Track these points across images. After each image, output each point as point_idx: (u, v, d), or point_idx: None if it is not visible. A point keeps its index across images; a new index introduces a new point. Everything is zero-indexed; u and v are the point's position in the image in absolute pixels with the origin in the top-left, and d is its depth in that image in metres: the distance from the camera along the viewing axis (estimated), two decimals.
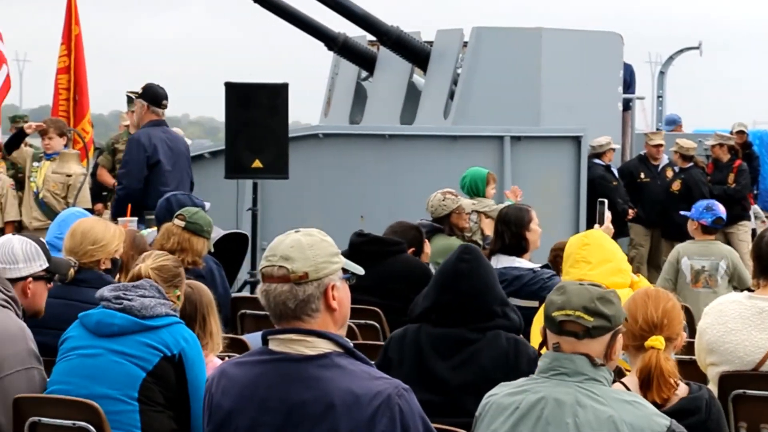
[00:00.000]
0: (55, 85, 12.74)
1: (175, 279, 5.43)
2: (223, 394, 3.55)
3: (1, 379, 4.88)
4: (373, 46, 14.62)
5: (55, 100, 12.72)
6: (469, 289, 4.99)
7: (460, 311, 4.98)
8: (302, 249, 3.50)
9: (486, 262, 5.18)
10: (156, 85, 10.32)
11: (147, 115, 10.02)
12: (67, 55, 12.64)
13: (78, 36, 12.63)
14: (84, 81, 12.66)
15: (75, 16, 12.65)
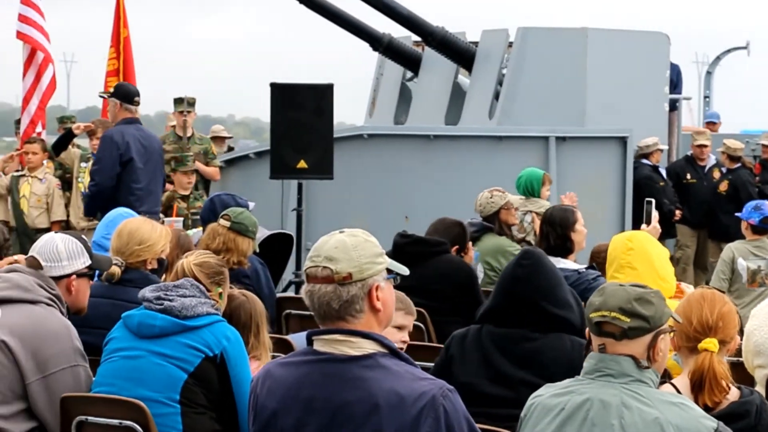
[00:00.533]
0: (105, 88, 12.81)
1: (218, 276, 5.44)
2: (268, 394, 3.56)
3: (47, 378, 4.92)
4: (418, 47, 14.61)
5: (105, 103, 12.79)
6: (526, 294, 5.01)
7: (518, 315, 5.00)
8: (346, 250, 3.50)
9: (548, 266, 5.15)
10: (128, 83, 10.69)
11: (120, 113, 10.15)
12: (116, 58, 12.71)
13: (126, 38, 12.71)
14: (133, 83, 12.73)
15: (123, 18, 12.72)
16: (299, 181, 11.45)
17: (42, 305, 5.04)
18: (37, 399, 4.91)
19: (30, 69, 12.45)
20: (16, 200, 11.57)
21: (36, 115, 12.62)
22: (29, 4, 12.41)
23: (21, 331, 4.92)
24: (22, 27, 12.36)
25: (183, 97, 12.90)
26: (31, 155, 11.72)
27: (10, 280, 5.06)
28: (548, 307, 5.00)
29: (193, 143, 12.81)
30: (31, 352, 4.91)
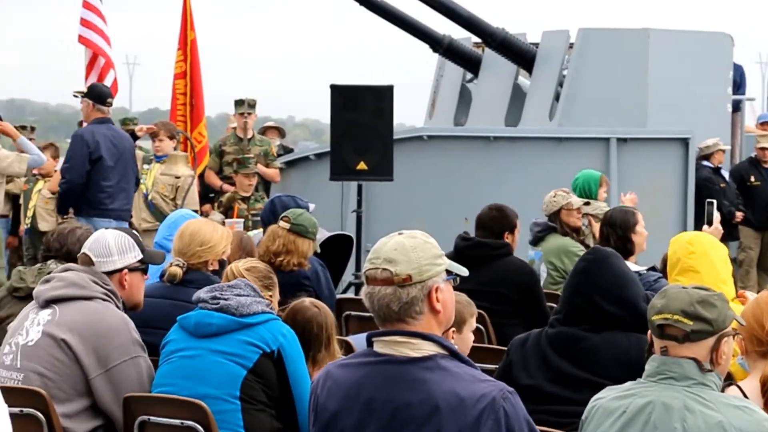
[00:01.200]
0: (173, 91, 12.90)
1: (267, 280, 5.48)
2: (329, 395, 3.56)
3: (109, 371, 4.98)
4: (478, 48, 14.59)
5: (173, 105, 12.89)
6: (582, 288, 4.96)
7: (578, 311, 4.96)
8: (406, 251, 3.50)
9: (612, 264, 5.07)
10: (101, 84, 10.99)
11: (92, 113, 10.54)
12: (183, 61, 12.79)
13: (193, 41, 12.78)
14: (199, 86, 12.81)
15: (190, 21, 12.80)
16: (359, 183, 11.47)
17: (98, 300, 5.09)
18: (101, 393, 4.97)
19: (92, 72, 12.55)
20: None
21: None
22: (91, 8, 12.51)
23: (80, 328, 4.98)
24: (83, 31, 12.46)
25: (244, 98, 12.96)
26: None
27: (64, 279, 5.12)
28: (602, 304, 4.94)
29: (253, 145, 12.86)
30: (92, 348, 4.96)
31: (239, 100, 13.02)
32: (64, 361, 4.97)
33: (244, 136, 12.85)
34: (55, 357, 4.97)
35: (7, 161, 10.36)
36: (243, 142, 12.80)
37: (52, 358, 4.97)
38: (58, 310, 5.04)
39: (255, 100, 13.09)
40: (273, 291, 5.46)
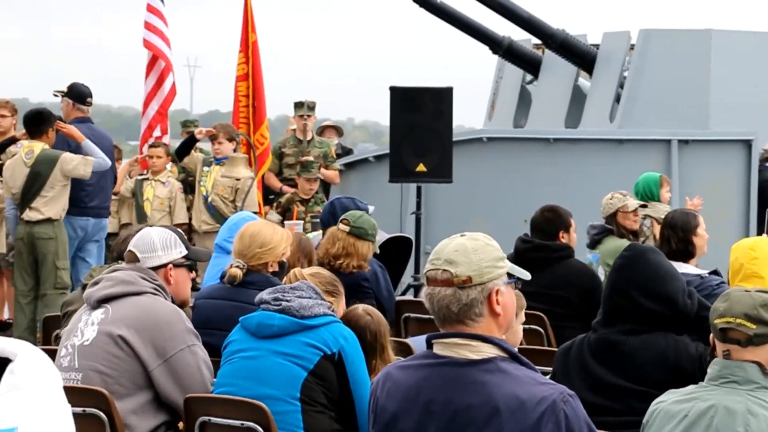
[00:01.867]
0: (235, 93, 12.96)
1: (330, 287, 5.49)
2: (388, 397, 3.56)
3: (168, 361, 5.03)
4: (538, 50, 14.55)
5: (235, 108, 12.95)
6: (621, 285, 4.88)
7: (617, 310, 4.90)
8: (466, 253, 3.49)
9: (651, 260, 4.99)
10: (81, 84, 11.10)
11: (73, 113, 10.86)
12: (245, 63, 12.85)
13: (255, 43, 12.84)
14: (261, 88, 12.86)
15: (252, 23, 12.85)
16: (418, 185, 11.47)
17: (148, 295, 5.16)
18: (162, 384, 5.02)
19: (151, 74, 12.65)
20: (139, 203, 11.78)
21: (154, 119, 12.82)
22: (154, 11, 12.61)
23: (134, 323, 5.04)
24: (147, 35, 12.57)
25: (303, 100, 12.99)
26: (154, 159, 11.92)
27: (113, 278, 5.18)
28: (640, 299, 4.86)
29: (313, 146, 12.89)
30: (149, 340, 5.02)
31: (299, 102, 13.05)
32: (121, 356, 5.02)
33: (304, 138, 12.88)
34: (112, 354, 5.02)
35: (73, 164, 10.47)
36: (302, 144, 12.84)
37: (110, 355, 5.02)
38: (110, 309, 5.11)
39: (314, 102, 13.12)
40: (338, 298, 5.46)
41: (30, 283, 10.52)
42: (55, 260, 10.44)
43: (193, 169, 11.96)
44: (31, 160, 10.46)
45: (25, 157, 10.50)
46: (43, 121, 10.64)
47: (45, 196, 10.45)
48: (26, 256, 10.48)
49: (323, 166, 12.70)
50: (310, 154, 12.67)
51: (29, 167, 10.45)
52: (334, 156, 13.17)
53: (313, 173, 11.89)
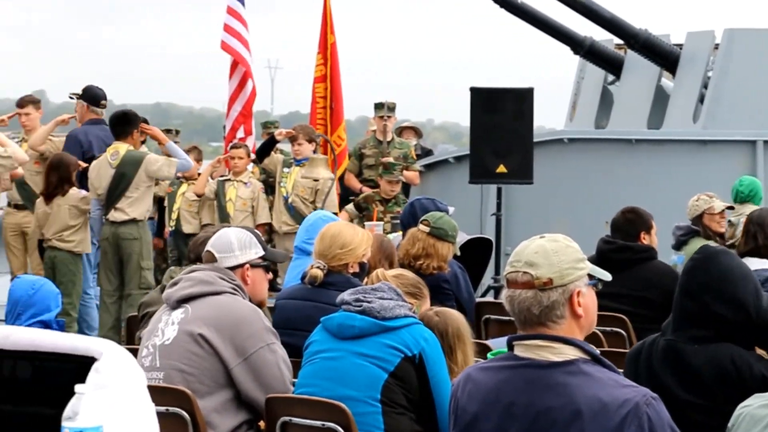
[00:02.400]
0: (312, 94, 13.02)
1: (414, 289, 5.49)
2: (469, 398, 3.56)
3: (248, 359, 5.06)
4: (620, 50, 14.44)
5: (313, 109, 13.01)
6: (690, 287, 4.76)
7: (685, 314, 4.80)
8: (547, 255, 3.47)
9: (723, 262, 4.87)
10: (96, 86, 11.33)
11: (87, 115, 11.12)
12: (323, 64, 12.90)
13: (333, 45, 12.89)
14: (339, 89, 12.90)
15: (330, 25, 12.90)
16: (498, 186, 11.43)
17: (227, 295, 5.19)
18: (243, 382, 5.05)
19: (234, 76, 12.74)
20: (222, 204, 11.88)
21: (237, 120, 12.92)
22: (234, 14, 12.69)
23: (214, 322, 5.08)
24: (226, 37, 12.66)
25: (383, 101, 13.01)
26: (236, 160, 12.01)
27: (192, 279, 5.23)
28: (710, 303, 4.72)
29: (393, 148, 12.91)
30: (228, 339, 5.06)
31: (379, 103, 13.07)
32: (202, 355, 5.06)
33: (384, 139, 12.90)
34: (193, 352, 5.06)
35: (157, 165, 10.60)
36: (383, 145, 12.86)
37: (191, 354, 5.06)
38: (190, 308, 5.15)
39: (394, 103, 13.14)
40: (421, 301, 5.45)
41: (115, 282, 10.66)
42: (140, 260, 10.57)
43: (273, 170, 12.03)
44: (117, 161, 10.59)
45: (110, 158, 10.64)
46: (128, 123, 10.78)
47: (130, 197, 10.57)
48: (111, 256, 10.61)
49: (403, 167, 12.71)
50: (391, 155, 12.68)
51: (114, 168, 10.59)
52: (414, 157, 13.17)
53: (395, 175, 11.89)
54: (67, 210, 10.59)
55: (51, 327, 6.04)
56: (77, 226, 10.63)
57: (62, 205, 10.59)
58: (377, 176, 12.28)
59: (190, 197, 12.15)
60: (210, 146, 37.73)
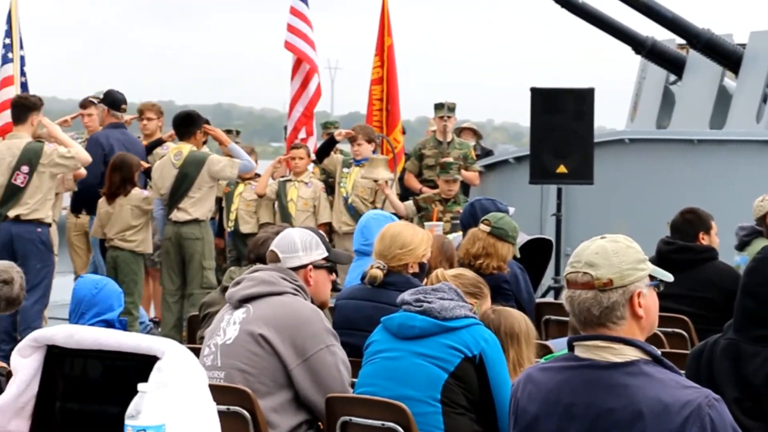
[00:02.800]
0: (369, 96, 13.05)
1: (474, 288, 5.48)
2: (529, 398, 3.55)
3: (307, 360, 5.08)
4: (683, 50, 14.33)
5: (369, 111, 13.03)
6: (752, 287, 4.71)
7: (746, 312, 4.74)
8: (607, 255, 3.47)
9: None
10: (116, 91, 11.46)
11: (107, 118, 11.27)
12: (380, 66, 12.92)
13: (390, 47, 12.91)
14: (396, 91, 12.91)
15: (388, 27, 12.92)
16: (558, 186, 11.39)
17: (288, 295, 5.21)
18: (302, 384, 5.07)
19: (296, 76, 12.79)
20: (284, 204, 11.92)
21: (299, 121, 12.96)
22: (297, 14, 12.74)
23: (275, 322, 5.10)
24: (290, 37, 12.70)
25: (443, 102, 13.01)
26: (297, 160, 12.06)
27: (254, 278, 5.26)
28: None
29: (453, 148, 12.90)
30: (289, 340, 5.08)
31: (439, 104, 13.07)
32: (262, 355, 5.09)
33: (444, 140, 12.90)
34: (253, 352, 5.09)
35: (220, 165, 10.67)
36: (442, 146, 12.85)
37: (251, 354, 5.09)
38: (251, 308, 5.18)
39: (454, 104, 13.13)
40: (481, 300, 5.45)
41: (177, 282, 10.75)
42: (202, 260, 10.65)
43: (333, 170, 12.06)
44: (180, 161, 10.68)
45: (173, 158, 10.73)
46: (191, 123, 10.87)
47: (192, 197, 10.65)
48: (173, 255, 10.70)
49: (463, 168, 12.69)
50: (450, 155, 12.67)
51: (177, 168, 10.67)
52: (474, 157, 13.15)
53: (451, 174, 11.89)
54: (129, 210, 10.69)
55: (114, 326, 6.10)
56: (139, 226, 10.73)
57: (124, 205, 10.69)
58: (436, 176, 12.27)
59: (248, 197, 12.21)
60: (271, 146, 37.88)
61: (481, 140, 15.46)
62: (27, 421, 3.38)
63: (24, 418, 3.38)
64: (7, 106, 10.32)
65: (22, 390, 3.36)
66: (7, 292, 5.69)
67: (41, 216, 9.79)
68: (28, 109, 9.92)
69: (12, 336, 9.73)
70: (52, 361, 3.36)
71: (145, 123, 11.90)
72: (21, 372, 3.37)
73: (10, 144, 9.87)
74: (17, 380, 3.37)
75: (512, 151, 14.81)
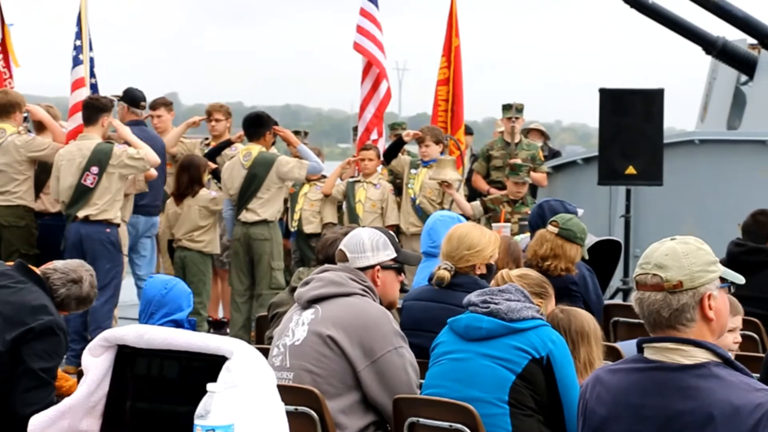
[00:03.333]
0: (435, 97, 13.03)
1: (539, 288, 5.46)
2: (598, 400, 3.54)
3: (375, 362, 5.07)
4: (754, 50, 14.18)
5: (435, 111, 13.01)
6: None
7: None
8: (677, 257, 3.44)
9: None
10: (135, 88, 11.37)
11: (127, 116, 11.12)
12: (447, 67, 12.90)
13: (457, 48, 12.88)
14: (461, 92, 12.88)
15: (455, 28, 12.89)
16: (627, 187, 11.32)
17: (357, 296, 5.21)
18: (370, 385, 5.07)
19: (367, 78, 12.79)
20: (351, 205, 11.94)
21: (371, 122, 12.96)
22: (367, 15, 12.74)
23: (343, 323, 5.10)
24: (359, 38, 12.71)
25: (511, 103, 12.97)
26: (366, 161, 12.08)
27: (323, 279, 5.26)
28: None
29: (520, 149, 12.85)
30: (357, 341, 5.07)
31: (507, 105, 13.03)
32: (331, 357, 5.09)
33: (512, 141, 12.85)
34: (322, 354, 5.10)
35: (289, 166, 10.73)
36: (510, 147, 12.81)
37: (320, 355, 5.10)
38: (320, 309, 5.18)
39: (522, 105, 13.08)
40: (546, 300, 5.43)
41: (246, 282, 10.81)
42: (270, 261, 10.70)
43: (400, 171, 12.06)
44: (249, 162, 10.74)
45: (243, 159, 10.80)
46: (261, 125, 10.93)
47: (261, 198, 10.71)
48: (242, 256, 10.76)
49: (531, 169, 12.64)
50: (518, 156, 12.63)
51: (246, 169, 10.73)
52: (542, 158, 13.09)
53: (521, 177, 11.84)
54: (197, 210, 10.77)
55: (182, 326, 6.14)
56: (207, 226, 10.81)
57: (192, 205, 10.77)
58: (504, 177, 12.23)
59: (313, 197, 12.24)
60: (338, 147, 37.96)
61: (549, 141, 15.39)
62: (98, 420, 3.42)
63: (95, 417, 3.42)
64: (79, 108, 10.42)
65: (93, 389, 3.40)
66: (76, 291, 5.75)
67: (110, 216, 9.87)
68: (99, 111, 10.03)
69: (82, 335, 9.84)
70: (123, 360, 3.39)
71: (213, 124, 11.97)
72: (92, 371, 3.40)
73: (80, 145, 9.98)
74: (88, 379, 3.41)
75: (580, 152, 14.73)
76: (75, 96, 10.70)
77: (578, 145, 36.03)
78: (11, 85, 11.05)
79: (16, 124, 10.34)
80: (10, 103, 10.34)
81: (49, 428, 3.43)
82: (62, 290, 5.70)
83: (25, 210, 10.24)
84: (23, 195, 10.22)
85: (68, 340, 5.99)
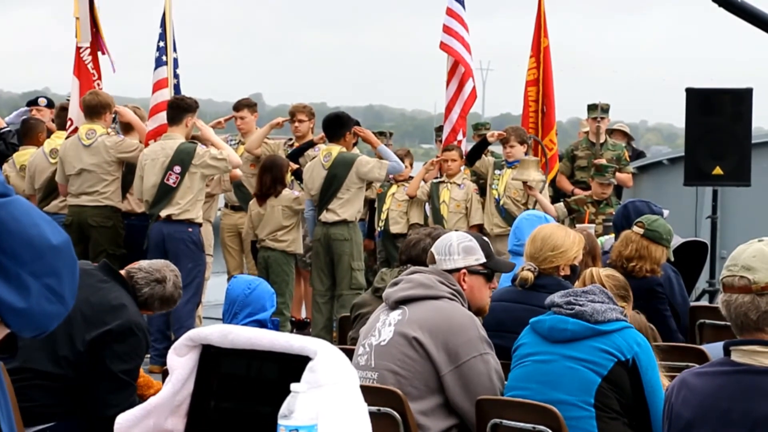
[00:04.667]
0: (525, 98, 12.97)
1: (623, 291, 5.41)
2: (683, 404, 3.50)
3: (459, 367, 5.06)
4: None
5: (525, 113, 12.96)
6: None
7: None
8: (765, 259, 3.40)
9: None
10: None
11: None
12: (536, 68, 12.83)
13: (546, 48, 12.81)
14: (551, 93, 12.81)
15: (544, 29, 12.83)
16: (714, 188, 11.19)
17: (445, 300, 5.20)
18: (453, 390, 5.06)
19: (453, 79, 12.77)
20: (436, 206, 11.94)
21: (457, 123, 12.94)
22: (454, 15, 12.72)
23: (429, 326, 5.09)
24: (445, 38, 12.69)
25: (597, 103, 12.88)
26: (450, 162, 12.06)
27: (412, 281, 5.25)
28: None
29: (606, 149, 12.76)
30: (442, 345, 5.06)
31: (592, 105, 12.94)
32: (416, 359, 5.09)
33: (597, 141, 12.77)
34: (407, 355, 5.09)
35: (368, 167, 10.74)
36: (595, 147, 12.72)
37: (405, 357, 5.09)
38: (407, 311, 5.18)
39: (608, 105, 12.98)
40: (627, 303, 5.39)
41: (327, 283, 10.85)
42: (351, 261, 10.73)
43: (484, 172, 12.03)
44: (329, 162, 10.78)
45: (323, 159, 10.84)
46: (341, 125, 10.96)
47: (341, 198, 10.75)
48: (323, 256, 10.80)
49: (617, 170, 12.53)
50: (603, 156, 12.54)
51: (327, 170, 10.77)
52: (627, 159, 12.98)
53: (607, 178, 11.75)
54: (280, 210, 10.83)
55: (266, 326, 6.17)
56: (290, 226, 10.87)
57: (275, 205, 10.84)
58: (589, 178, 12.14)
59: (400, 198, 12.26)
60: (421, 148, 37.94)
61: (632, 142, 15.25)
62: (183, 419, 3.44)
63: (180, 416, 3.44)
64: (161, 108, 10.52)
65: (178, 389, 3.43)
66: (159, 291, 5.80)
67: (192, 216, 9.95)
68: (184, 111, 10.13)
69: (165, 335, 9.93)
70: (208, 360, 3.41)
71: (296, 125, 12.02)
72: (177, 370, 3.43)
73: (164, 144, 10.08)
74: (173, 379, 3.44)
75: (666, 153, 14.60)
76: (156, 96, 10.80)
77: (663, 146, 35.72)
78: (100, 87, 11.18)
79: (106, 125, 10.48)
80: (101, 104, 10.48)
81: (135, 427, 3.46)
82: (146, 289, 5.76)
83: (112, 210, 10.38)
84: (111, 195, 10.36)
85: (150, 339, 6.04)
